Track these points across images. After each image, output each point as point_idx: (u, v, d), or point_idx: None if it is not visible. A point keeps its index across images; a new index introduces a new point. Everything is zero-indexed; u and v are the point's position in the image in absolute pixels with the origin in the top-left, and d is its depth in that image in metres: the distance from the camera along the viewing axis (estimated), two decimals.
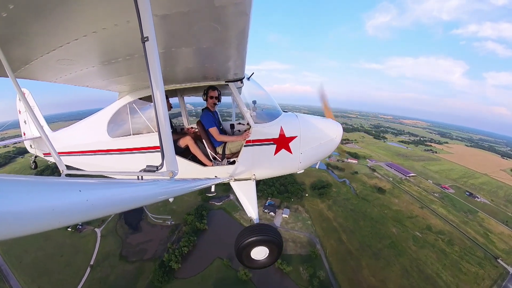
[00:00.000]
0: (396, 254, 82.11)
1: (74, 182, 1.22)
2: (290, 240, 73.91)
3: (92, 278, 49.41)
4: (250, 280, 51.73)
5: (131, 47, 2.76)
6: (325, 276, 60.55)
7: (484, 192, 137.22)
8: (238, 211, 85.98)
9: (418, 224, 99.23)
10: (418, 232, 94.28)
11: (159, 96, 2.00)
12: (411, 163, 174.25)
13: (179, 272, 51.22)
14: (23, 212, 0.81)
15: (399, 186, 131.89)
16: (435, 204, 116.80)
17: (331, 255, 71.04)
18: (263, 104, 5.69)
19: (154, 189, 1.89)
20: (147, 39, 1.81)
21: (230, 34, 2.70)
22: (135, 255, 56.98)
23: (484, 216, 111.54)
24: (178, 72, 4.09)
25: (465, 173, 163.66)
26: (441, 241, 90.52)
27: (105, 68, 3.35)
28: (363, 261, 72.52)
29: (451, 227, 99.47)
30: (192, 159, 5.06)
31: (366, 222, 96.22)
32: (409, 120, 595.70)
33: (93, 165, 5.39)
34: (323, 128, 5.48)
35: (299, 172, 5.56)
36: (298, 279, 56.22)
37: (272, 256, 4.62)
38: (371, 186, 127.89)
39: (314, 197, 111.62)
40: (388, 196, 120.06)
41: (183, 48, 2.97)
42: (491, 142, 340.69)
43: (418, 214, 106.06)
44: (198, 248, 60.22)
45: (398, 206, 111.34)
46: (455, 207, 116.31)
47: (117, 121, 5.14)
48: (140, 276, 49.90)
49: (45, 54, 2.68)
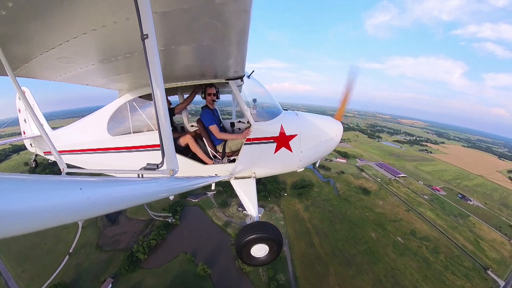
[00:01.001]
0: (371, 262, 72.75)
1: (74, 180, 1.20)
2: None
3: (69, 264, 53.24)
4: (209, 276, 51.88)
5: (130, 44, 2.66)
6: (285, 280, 55.53)
7: (478, 194, 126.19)
8: (212, 209, 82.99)
9: (401, 228, 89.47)
10: (400, 238, 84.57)
11: (159, 94, 1.97)
12: (403, 163, 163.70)
13: (145, 262, 53.31)
14: (24, 210, 0.80)
15: (386, 187, 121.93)
16: (423, 207, 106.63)
17: (298, 258, 64.64)
18: (264, 102, 5.48)
19: (154, 187, 1.88)
20: (146, 36, 1.78)
21: (231, 32, 2.62)
22: (109, 245, 59.60)
23: (475, 220, 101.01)
24: (178, 70, 3.94)
25: (459, 174, 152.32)
26: (425, 248, 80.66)
27: (105, 66, 3.24)
28: (331, 267, 64.70)
29: (438, 233, 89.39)
30: (193, 157, 4.92)
31: (343, 225, 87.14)
32: (407, 120, 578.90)
33: (93, 163, 5.22)
34: (323, 126, 5.30)
35: (299, 170, 5.40)
36: (256, 280, 53.31)
37: (272, 254, 4.51)
38: (356, 187, 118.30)
39: (293, 196, 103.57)
40: (372, 197, 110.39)
41: (183, 45, 2.87)
42: (488, 143, 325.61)
43: (402, 218, 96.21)
44: (167, 242, 61.56)
45: (382, 209, 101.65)
46: (445, 210, 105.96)
47: (117, 119, 5.01)
48: (111, 264, 52.53)
49: (44, 53, 2.61)
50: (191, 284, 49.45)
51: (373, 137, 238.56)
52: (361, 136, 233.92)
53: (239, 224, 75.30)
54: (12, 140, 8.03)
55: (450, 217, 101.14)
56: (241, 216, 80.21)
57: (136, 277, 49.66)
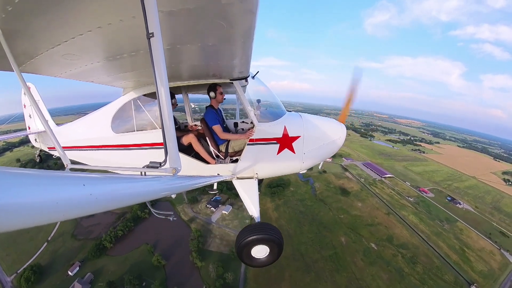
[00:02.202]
0: (334, 269, 62.96)
1: (78, 176, 1.19)
2: (218, 236, 66.96)
3: (46, 250, 57.97)
4: (163, 267, 53.52)
5: (136, 43, 2.60)
6: (233, 280, 51.90)
7: (469, 197, 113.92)
8: (182, 204, 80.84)
9: (377, 233, 78.66)
10: (374, 244, 73.85)
11: (163, 92, 1.94)
12: (392, 163, 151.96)
13: (110, 250, 56.81)
14: (28, 204, 0.80)
15: (369, 188, 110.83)
16: (406, 210, 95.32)
17: None
18: (267, 103, 5.36)
19: (157, 185, 1.86)
20: (152, 35, 1.76)
21: (236, 32, 2.54)
22: (83, 235, 63.42)
23: (463, 226, 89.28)
24: (182, 69, 3.85)
25: (451, 175, 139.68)
26: (401, 257, 69.77)
27: (110, 64, 3.17)
28: (287, 272, 57.55)
29: (419, 240, 78.22)
30: (195, 157, 4.78)
31: (312, 227, 77.47)
32: (404, 120, 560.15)
33: (97, 160, 5.12)
34: (327, 128, 5.11)
35: (301, 172, 5.20)
36: (206, 276, 52.37)
37: (273, 255, 4.32)
38: (336, 187, 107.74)
39: (266, 195, 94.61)
40: (351, 198, 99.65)
41: (189, 45, 2.79)
42: (485, 143, 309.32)
43: (381, 222, 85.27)
44: (133, 233, 64.19)
45: (359, 211, 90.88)
46: (430, 214, 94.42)
47: (121, 117, 4.88)
48: (81, 251, 57.06)
49: (50, 49, 2.56)
50: (145, 273, 51.12)
51: (366, 136, 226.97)
52: (353, 135, 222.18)
53: (203, 221, 73.60)
54: (17, 134, 7.73)
55: (435, 221, 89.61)
56: (208, 213, 78.23)
57: (100, 263, 53.19)
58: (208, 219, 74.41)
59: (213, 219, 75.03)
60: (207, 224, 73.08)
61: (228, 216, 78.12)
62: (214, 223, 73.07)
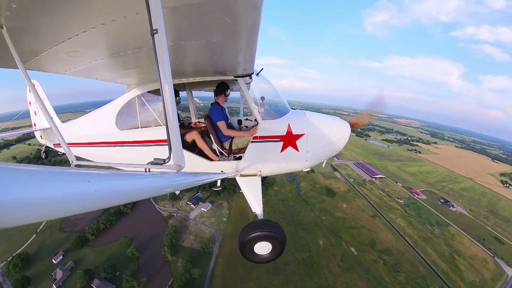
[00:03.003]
0: (305, 273, 56.83)
1: (83, 173, 1.18)
2: (192, 233, 65.98)
3: (35, 241, 60.32)
4: (137, 259, 55.10)
5: (140, 39, 2.54)
6: (199, 275, 51.11)
7: (464, 199, 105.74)
8: (163, 201, 79.84)
9: (359, 237, 71.81)
10: (354, 248, 67.06)
11: (167, 89, 1.90)
12: (385, 163, 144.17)
13: (92, 242, 59.18)
14: (35, 200, 0.81)
15: (357, 188, 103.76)
16: (395, 212, 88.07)
17: (224, 256, 57.55)
18: (272, 101, 5.22)
19: (161, 182, 1.85)
20: (156, 31, 1.71)
21: (241, 28, 2.47)
22: (69, 227, 65.27)
23: (455, 231, 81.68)
24: (187, 65, 3.77)
25: (446, 176, 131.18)
26: (383, 264, 62.85)
27: (114, 61, 3.11)
28: (255, 272, 53.82)
29: (405, 245, 71.09)
30: (199, 154, 4.69)
31: (289, 228, 71.26)
32: (403, 120, 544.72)
33: (101, 156, 5.02)
34: (331, 127, 4.93)
35: (305, 170, 4.99)
36: (175, 270, 52.70)
37: (275, 252, 4.20)
38: (322, 187, 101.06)
39: None
40: (337, 199, 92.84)
41: (193, 41, 2.72)
42: (484, 144, 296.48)
43: (365, 225, 78.31)
44: (114, 227, 66.02)
45: (343, 213, 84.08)
46: (420, 217, 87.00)
47: (125, 114, 4.78)
48: (66, 242, 59.35)
49: (54, 46, 2.52)
50: (120, 263, 53.01)
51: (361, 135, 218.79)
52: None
53: (182, 217, 72.74)
54: (22, 131, 7.61)
55: (425, 226, 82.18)
56: (187, 210, 77.13)
57: (81, 253, 56.08)
58: (186, 216, 73.07)
59: (191, 216, 73.86)
60: (184, 220, 71.61)
61: (206, 214, 75.73)
62: (192, 220, 71.59)
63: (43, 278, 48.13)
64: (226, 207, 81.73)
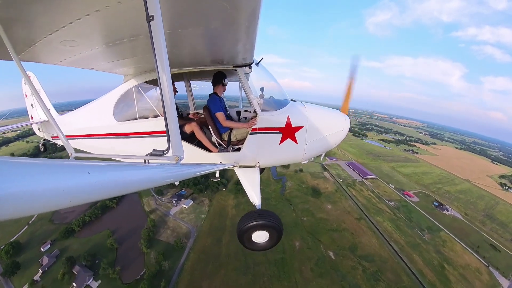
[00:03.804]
0: (275, 275, 52.11)
1: (83, 165, 1.17)
2: (170, 228, 65.92)
3: (26, 231, 63.00)
4: (116, 249, 56.93)
5: (135, 27, 2.40)
6: (169, 268, 51.84)
7: (460, 202, 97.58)
8: (148, 197, 79.27)
9: (340, 240, 65.61)
10: (333, 253, 60.97)
11: (165, 79, 1.84)
12: (379, 164, 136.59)
13: (77, 233, 62.03)
14: (35, 192, 0.81)
15: (345, 189, 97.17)
16: (382, 215, 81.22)
17: (196, 252, 57.04)
18: (271, 92, 4.82)
19: (160, 173, 1.81)
20: (152, 18, 1.63)
21: (240, 15, 2.34)
22: (59, 219, 67.19)
23: (447, 237, 74.32)
24: (184, 54, 3.56)
25: (442, 177, 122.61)
26: (362, 271, 56.58)
27: (110, 50, 2.96)
28: (223, 270, 52.47)
29: (389, 252, 64.46)
30: (198, 145, 4.50)
31: None
32: (403, 120, 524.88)
33: (100, 148, 4.84)
34: (330, 119, 4.72)
35: (303, 162, 4.87)
36: (148, 261, 53.98)
37: (272, 240, 4.22)
38: (308, 187, 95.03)
39: (232, 192, 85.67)
40: (322, 200, 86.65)
41: (190, 28, 2.54)
42: (484, 145, 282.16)
43: (348, 227, 71.94)
44: (99, 220, 68.13)
45: (327, 214, 77.87)
46: (410, 221, 79.90)
47: (123, 105, 4.56)
48: (55, 233, 61.87)
49: (48, 35, 2.40)
50: (100, 253, 55.58)
51: (358, 135, 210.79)
52: None
53: (162, 212, 72.81)
54: (20, 125, 7.25)
55: (414, 230, 75.15)
56: (169, 206, 77.14)
57: (67, 242, 59.15)
58: (167, 212, 73.06)
59: (172, 212, 73.78)
60: (164, 216, 71.42)
61: (186, 210, 74.73)
62: (171, 216, 71.42)
63: (31, 264, 51.67)
64: (207, 205, 79.39)
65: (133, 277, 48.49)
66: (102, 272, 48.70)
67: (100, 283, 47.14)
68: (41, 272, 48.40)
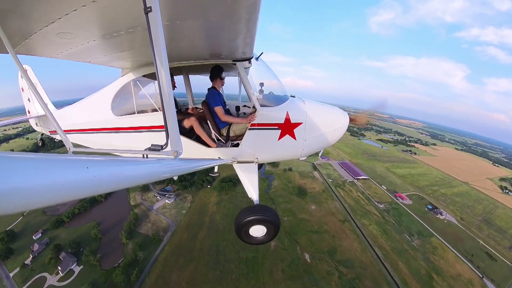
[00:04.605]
0: (243, 273, 49.19)
1: (81, 159, 1.16)
2: (151, 221, 66.50)
3: (21, 221, 65.10)
4: (100, 239, 59.04)
5: (133, 18, 2.29)
6: (144, 258, 53.42)
7: (456, 206, 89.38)
8: (135, 192, 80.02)
9: (319, 243, 59.96)
10: (309, 255, 55.53)
11: (163, 73, 1.78)
12: (374, 164, 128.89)
13: (66, 224, 64.53)
14: (34, 187, 0.80)
15: (334, 189, 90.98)
16: (370, 218, 74.67)
17: (172, 245, 57.23)
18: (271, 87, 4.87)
19: (158, 168, 1.77)
20: (150, 9, 1.56)
21: (240, 7, 2.25)
22: (51, 211, 68.64)
23: (439, 243, 67.15)
24: (183, 47, 3.42)
25: (439, 179, 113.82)
26: (338, 277, 50.85)
27: (107, 42, 2.86)
28: (193, 263, 52.16)
29: (372, 257, 58.29)
30: (196, 140, 4.37)
31: None
32: (405, 120, 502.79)
33: (98, 143, 4.71)
34: (329, 116, 4.58)
35: (301, 159, 4.82)
36: (126, 252, 55.51)
37: (269, 235, 4.20)
38: (295, 187, 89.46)
39: (216, 189, 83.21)
40: (306, 200, 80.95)
41: (189, 20, 2.44)
42: (486, 147, 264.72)
43: (329, 229, 66.08)
44: (88, 212, 70.48)
45: (309, 215, 72.17)
46: (399, 225, 73.06)
47: (121, 99, 4.45)
48: (46, 223, 64.31)
49: (44, 28, 2.31)
50: (85, 242, 57.54)
51: (355, 134, 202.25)
52: None
53: (146, 207, 73.28)
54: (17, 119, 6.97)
55: (402, 235, 68.37)
56: (153, 201, 77.38)
57: (57, 232, 61.81)
58: (151, 206, 73.63)
59: (155, 206, 74.40)
60: (148, 210, 71.88)
61: (169, 206, 74.59)
62: (154, 210, 71.78)
63: (23, 250, 55.25)
64: (189, 201, 77.95)
65: (111, 265, 50.87)
66: (85, 258, 51.99)
67: (82, 268, 50.38)
68: (31, 257, 52.31)
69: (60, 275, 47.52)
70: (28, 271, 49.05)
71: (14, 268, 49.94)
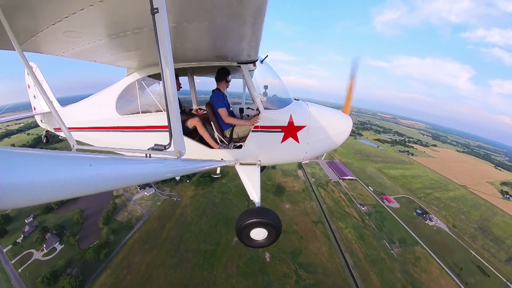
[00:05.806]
0: (199, 264, 47.33)
1: (85, 157, 1.14)
2: (128, 211, 68.02)
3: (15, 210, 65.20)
4: (81, 224, 63.15)
5: (140, 19, 2.25)
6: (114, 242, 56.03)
7: (450, 211, 77.95)
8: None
9: (284, 243, 52.72)
10: (270, 255, 49.04)
11: (168, 74, 1.74)
12: (365, 164, 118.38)
13: (55, 210, 68.16)
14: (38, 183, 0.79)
15: (314, 189, 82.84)
16: (347, 221, 66.02)
17: (141, 232, 59.00)
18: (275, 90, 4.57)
19: (161, 167, 1.76)
20: (157, 10, 1.53)
21: (246, 10, 2.19)
22: None
23: (424, 253, 57.29)
24: (188, 49, 3.34)
25: (435, 182, 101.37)
26: (295, 281, 43.60)
27: (113, 42, 2.78)
28: (155, 250, 52.92)
29: (340, 264, 50.11)
30: (200, 141, 4.25)
31: (211, 220, 60.86)
32: (407, 121, 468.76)
33: (102, 141, 4.55)
34: (333, 120, 4.41)
35: (304, 162, 4.72)
36: (102, 235, 57.74)
37: (270, 238, 3.94)
38: (274, 185, 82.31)
39: (193, 184, 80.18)
40: (282, 199, 73.70)
41: (195, 23, 2.39)
42: (489, 150, 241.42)
43: (298, 230, 58.53)
44: (76, 201, 71.37)
45: (281, 214, 64.52)
46: (380, 230, 63.81)
47: (126, 98, 4.28)
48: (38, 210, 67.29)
49: (51, 26, 2.25)
50: (68, 226, 61.24)
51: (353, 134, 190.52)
52: None
53: (127, 198, 73.86)
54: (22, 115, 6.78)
55: (382, 242, 59.25)
56: (133, 192, 77.51)
57: (46, 217, 65.53)
58: (130, 197, 74.86)
59: (134, 197, 75.80)
60: (127, 200, 72.88)
61: (146, 197, 74.71)
62: (132, 201, 72.92)
63: (16, 231, 60.35)
64: (166, 194, 76.15)
65: (88, 245, 55.74)
66: (66, 239, 57.46)
67: (63, 247, 56.28)
68: (22, 237, 58.38)
69: (44, 252, 53.58)
70: (18, 247, 54.99)
71: (7, 246, 55.76)
